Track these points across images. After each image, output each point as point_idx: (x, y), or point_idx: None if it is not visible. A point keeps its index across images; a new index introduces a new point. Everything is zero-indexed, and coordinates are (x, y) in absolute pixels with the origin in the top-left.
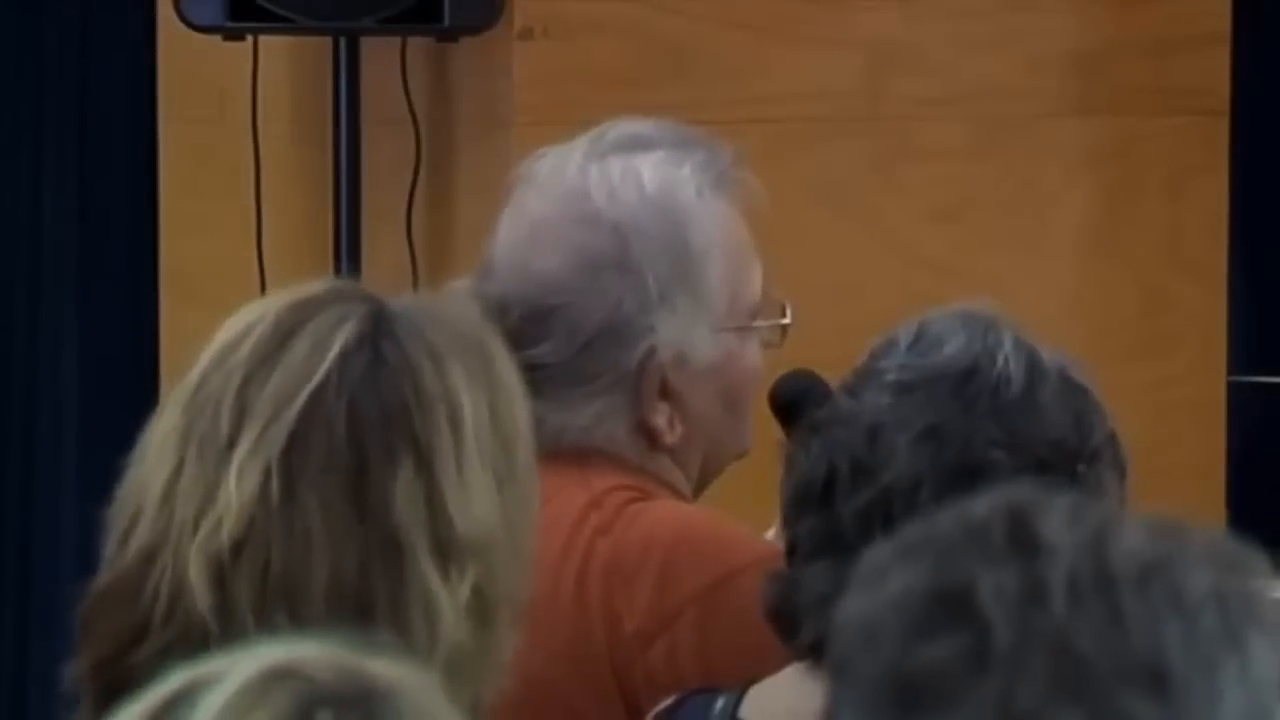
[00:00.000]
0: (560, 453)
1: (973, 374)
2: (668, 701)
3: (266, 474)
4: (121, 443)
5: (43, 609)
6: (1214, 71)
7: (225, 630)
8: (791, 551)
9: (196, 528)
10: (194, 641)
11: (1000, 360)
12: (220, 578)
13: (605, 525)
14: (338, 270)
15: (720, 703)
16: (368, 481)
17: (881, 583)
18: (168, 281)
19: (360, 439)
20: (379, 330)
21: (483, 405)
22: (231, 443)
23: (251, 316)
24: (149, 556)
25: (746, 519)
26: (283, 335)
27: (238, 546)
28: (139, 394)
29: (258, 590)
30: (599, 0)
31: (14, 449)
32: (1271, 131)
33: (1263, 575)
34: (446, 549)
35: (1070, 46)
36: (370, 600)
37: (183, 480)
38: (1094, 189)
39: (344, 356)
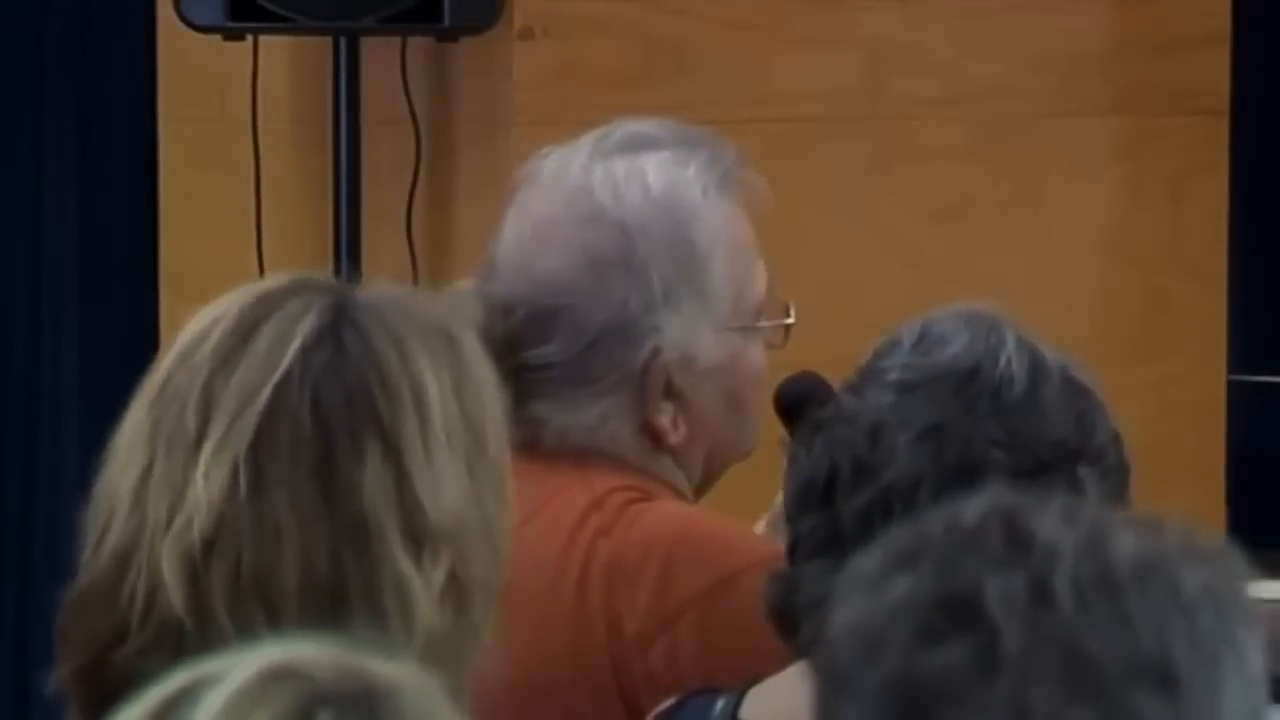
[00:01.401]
0: (562, 453)
1: (975, 374)
2: (668, 703)
3: (234, 470)
4: None
5: (44, 608)
6: (1214, 71)
7: (200, 628)
8: (793, 550)
9: (169, 526)
10: (171, 641)
11: (1003, 361)
12: (193, 575)
13: (606, 526)
14: (338, 270)
15: (720, 704)
16: (335, 471)
17: (879, 590)
18: (168, 281)
19: (326, 429)
20: (340, 320)
21: (449, 389)
22: (199, 440)
23: (216, 313)
24: (123, 558)
25: (746, 519)
26: (245, 330)
27: (209, 544)
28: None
29: (231, 586)
30: (599, 0)
31: (15, 448)
32: (1271, 131)
33: (1242, 572)
34: (419, 535)
35: (1071, 46)
36: (344, 591)
37: (153, 479)
38: (1094, 189)
39: (305, 349)
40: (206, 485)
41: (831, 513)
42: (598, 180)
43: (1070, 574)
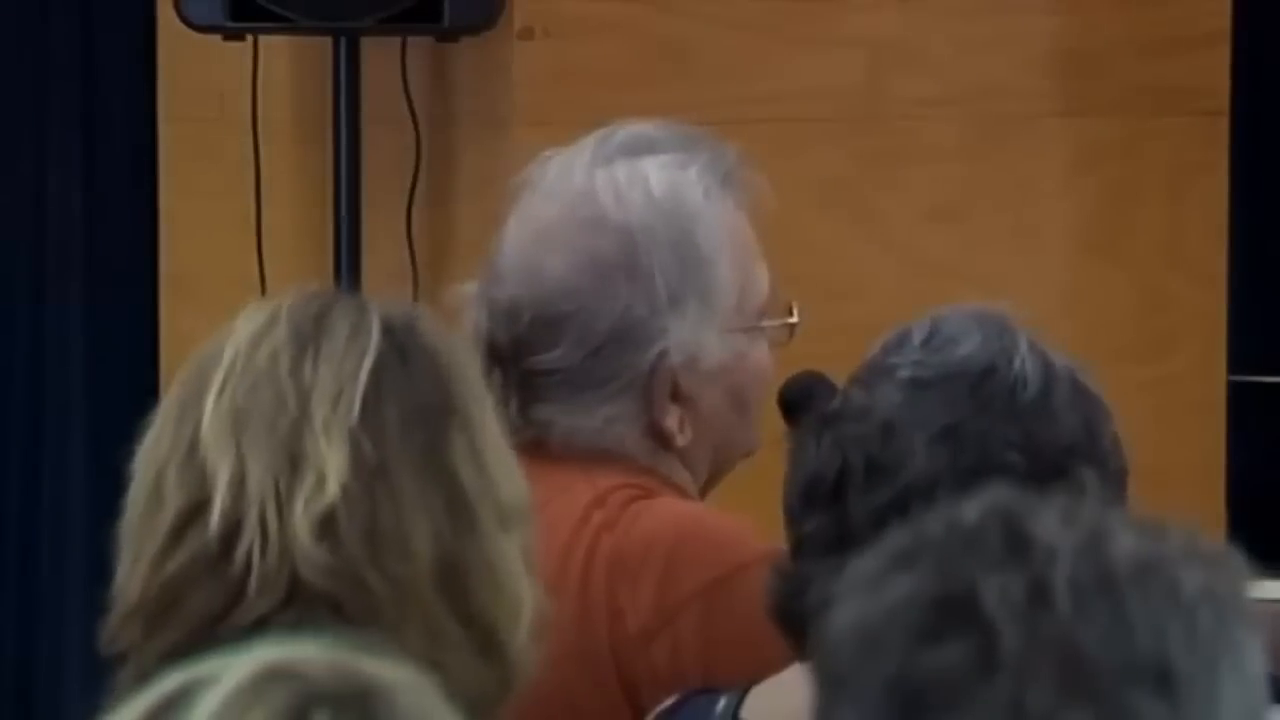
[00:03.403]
0: (568, 454)
1: (990, 374)
2: (669, 701)
3: (353, 441)
4: (126, 439)
5: (49, 608)
6: (1214, 71)
7: (340, 586)
8: (798, 547)
9: (279, 495)
10: (304, 601)
11: (1017, 362)
12: (331, 536)
13: (610, 522)
14: (338, 270)
15: (721, 703)
16: (436, 449)
17: (878, 590)
18: (168, 281)
19: (423, 408)
20: (390, 319)
21: (482, 385)
22: (304, 413)
23: (261, 310)
24: (229, 533)
25: (748, 518)
26: (314, 319)
27: (341, 508)
28: (141, 391)
29: (368, 546)
30: (599, 0)
31: (18, 446)
32: (1271, 131)
33: (1243, 573)
34: (503, 514)
35: (1070, 46)
36: (464, 567)
37: (253, 457)
38: (1094, 189)
39: (387, 333)
40: (330, 450)
41: (841, 510)
42: (600, 184)
43: (1069, 574)
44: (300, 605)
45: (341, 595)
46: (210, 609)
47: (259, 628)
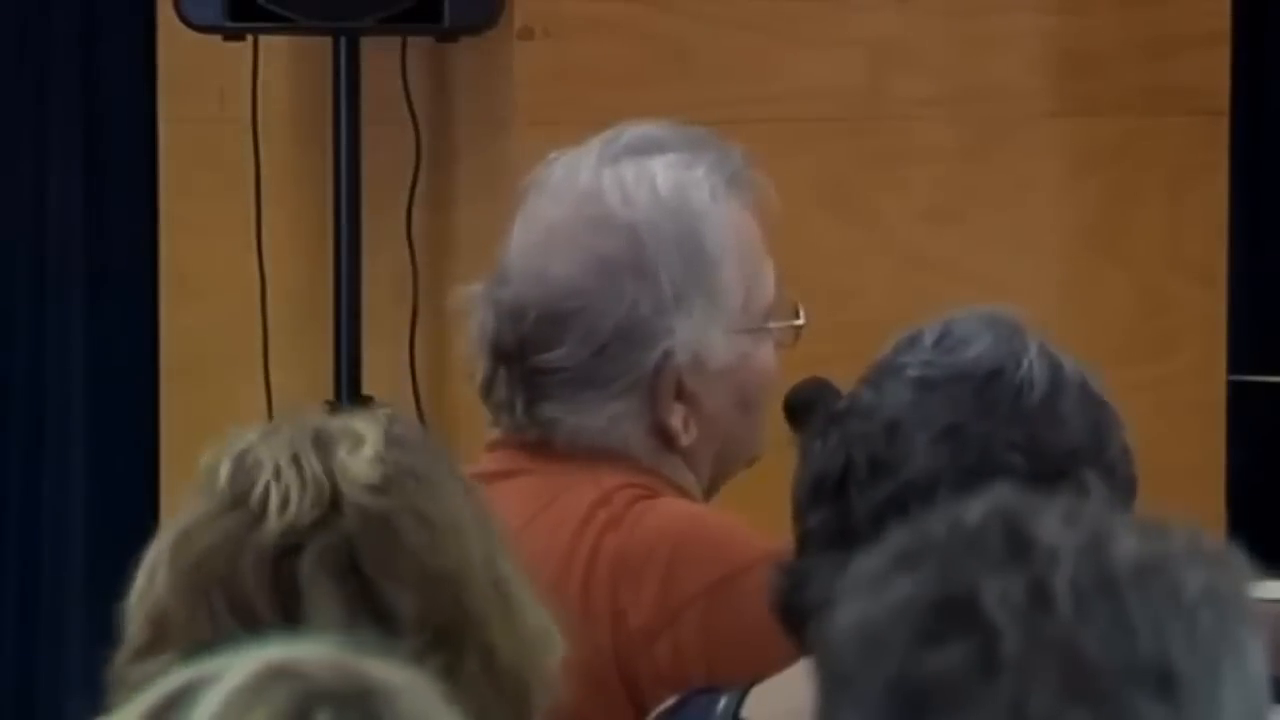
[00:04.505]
0: (573, 453)
1: (997, 376)
2: (670, 701)
3: (384, 427)
4: (126, 439)
5: (49, 609)
6: (1214, 71)
7: (393, 505)
8: (802, 543)
9: (299, 456)
10: (351, 519)
11: (1025, 365)
12: (381, 464)
13: (614, 521)
14: (338, 270)
15: (723, 703)
16: (455, 468)
17: (880, 591)
18: (167, 281)
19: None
20: None
21: None
22: (324, 425)
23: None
24: (241, 485)
25: (750, 518)
26: None
27: (386, 454)
28: (141, 391)
29: (417, 484)
30: (599, 0)
31: (20, 447)
32: (1271, 131)
33: (1245, 573)
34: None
35: (1069, 46)
36: (505, 577)
37: (265, 449)
38: (1094, 189)
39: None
40: (364, 426)
41: (844, 507)
42: (607, 184)
43: (1070, 576)
44: (343, 523)
45: (396, 516)
46: (229, 530)
47: (291, 552)
